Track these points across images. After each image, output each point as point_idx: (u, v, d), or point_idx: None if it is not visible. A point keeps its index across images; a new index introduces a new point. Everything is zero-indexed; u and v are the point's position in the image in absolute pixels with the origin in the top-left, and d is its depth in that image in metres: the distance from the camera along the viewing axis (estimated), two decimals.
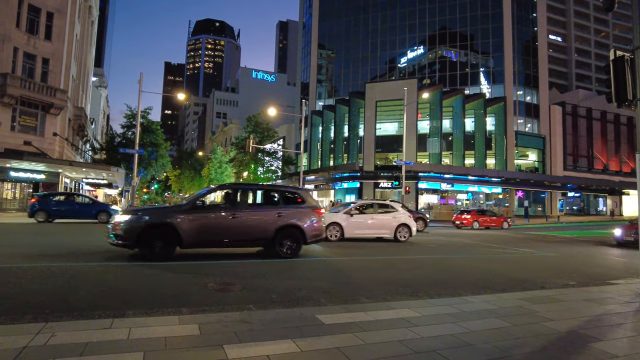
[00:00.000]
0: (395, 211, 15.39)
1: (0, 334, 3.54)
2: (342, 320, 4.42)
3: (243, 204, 9.78)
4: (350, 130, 44.69)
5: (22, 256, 8.46)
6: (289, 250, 9.42)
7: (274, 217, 9.37)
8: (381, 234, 14.89)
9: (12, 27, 28.22)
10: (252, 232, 9.23)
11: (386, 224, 14.92)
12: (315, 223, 9.80)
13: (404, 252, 12.32)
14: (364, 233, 14.66)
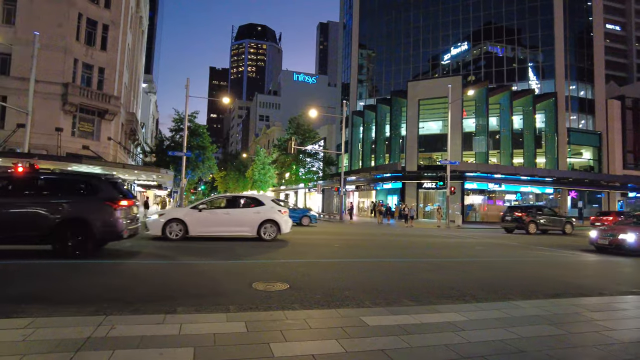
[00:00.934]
0: (261, 206, 13.42)
1: (66, 325, 3.83)
2: (386, 322, 4.39)
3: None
4: (392, 129, 44.13)
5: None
6: (76, 249, 8.13)
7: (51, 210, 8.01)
8: (240, 231, 12.98)
9: (72, 41, 30.29)
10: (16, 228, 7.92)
11: (247, 220, 13.00)
12: (108, 217, 8.46)
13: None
14: (215, 231, 12.72)
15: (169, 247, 10.91)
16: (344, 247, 12.88)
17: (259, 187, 55.17)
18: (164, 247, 10.76)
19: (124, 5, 34.50)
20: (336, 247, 12.85)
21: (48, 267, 7.46)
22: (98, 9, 32.39)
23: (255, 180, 54.82)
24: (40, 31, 25.64)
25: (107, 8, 33.05)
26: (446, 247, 14.03)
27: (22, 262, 7.72)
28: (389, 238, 16.97)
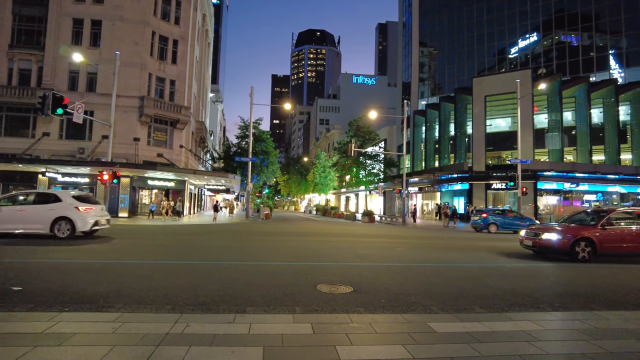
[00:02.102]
0: (56, 202, 12.76)
1: (148, 320, 4.15)
2: (455, 329, 4.24)
3: None
4: (457, 128, 42.51)
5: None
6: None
7: None
8: (32, 228, 12.47)
9: (147, 57, 32.77)
10: None
11: (40, 216, 12.45)
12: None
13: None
14: (3, 228, 12.31)
15: None
16: (408, 250, 12.61)
17: (320, 190, 55.73)
18: None
19: (192, 20, 36.68)
20: (399, 250, 12.63)
21: (128, 267, 8.13)
22: (169, 26, 34.75)
23: (317, 183, 55.45)
24: (120, 50, 28.04)
25: (177, 24, 35.34)
26: (518, 252, 13.24)
27: (101, 262, 8.46)
28: (455, 242, 16.34)
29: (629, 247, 10.77)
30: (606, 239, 10.66)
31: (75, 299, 5.12)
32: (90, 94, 31.10)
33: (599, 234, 10.69)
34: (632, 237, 10.79)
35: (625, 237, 10.80)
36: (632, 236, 10.81)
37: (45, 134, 30.80)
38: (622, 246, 10.76)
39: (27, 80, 31.75)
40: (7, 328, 3.83)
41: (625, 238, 10.79)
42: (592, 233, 10.67)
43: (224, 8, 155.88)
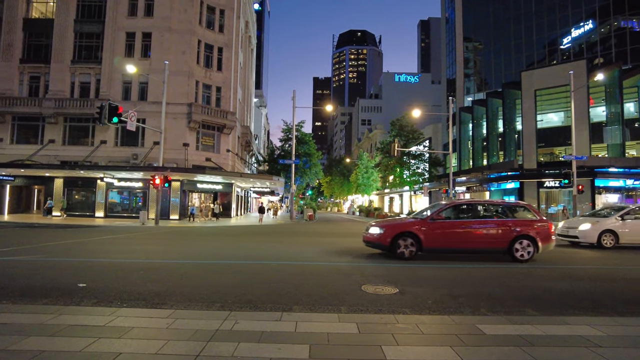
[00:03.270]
0: None
1: (199, 317, 4.34)
2: (505, 331, 4.09)
3: None
4: (506, 124, 40.79)
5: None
6: None
7: None
8: None
9: (194, 65, 34.10)
10: None
11: None
12: None
13: None
14: None
15: None
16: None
17: (363, 191, 55.41)
18: None
19: (235, 28, 37.77)
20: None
21: (179, 266, 8.50)
22: (214, 34, 35.98)
23: (359, 184, 55.18)
24: (169, 60, 29.40)
25: (221, 32, 36.51)
26: (573, 252, 12.51)
27: (156, 262, 8.89)
28: None
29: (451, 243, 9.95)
30: (430, 235, 9.82)
31: (132, 296, 5.43)
32: (142, 103, 32.80)
33: (425, 228, 9.87)
34: (456, 233, 9.95)
35: (449, 233, 9.95)
36: (457, 232, 9.96)
37: (103, 142, 32.82)
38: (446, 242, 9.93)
39: (86, 92, 34.01)
40: (75, 320, 4.13)
41: (449, 234, 9.94)
42: (418, 228, 9.86)
43: (265, 14, 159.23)
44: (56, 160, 32.00)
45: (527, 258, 9.75)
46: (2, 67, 33.67)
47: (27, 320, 4.10)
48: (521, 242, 9.79)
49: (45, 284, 6.30)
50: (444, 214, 10.29)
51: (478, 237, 9.94)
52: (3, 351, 3.33)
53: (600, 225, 13.61)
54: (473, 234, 9.94)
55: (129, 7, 34.23)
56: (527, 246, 9.79)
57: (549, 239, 10.05)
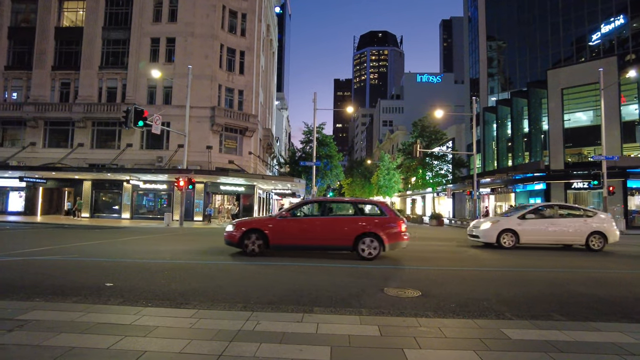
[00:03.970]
0: None
1: (222, 317, 4.39)
2: (531, 337, 3.99)
3: None
4: (531, 124, 39.82)
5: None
6: None
7: None
8: None
9: (216, 69, 34.66)
10: None
11: None
12: None
13: None
14: None
15: None
16: (480, 254, 12.04)
17: (385, 193, 55.03)
18: None
19: (257, 31, 38.20)
20: (470, 254, 12.10)
21: (202, 266, 8.63)
22: (236, 38, 36.49)
23: (381, 185, 54.84)
24: (192, 64, 29.95)
25: (243, 36, 37.00)
26: (608, 256, 12.11)
27: (180, 262, 9.06)
28: None
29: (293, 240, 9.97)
30: (277, 232, 9.95)
31: (157, 296, 5.55)
32: (166, 107, 33.53)
33: (272, 226, 10.01)
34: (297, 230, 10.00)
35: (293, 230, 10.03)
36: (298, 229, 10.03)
37: (129, 145, 33.70)
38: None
39: (113, 97, 35.03)
40: (103, 318, 4.25)
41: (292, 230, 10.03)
42: (266, 225, 10.05)
43: (286, 17, 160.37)
44: (85, 163, 33.06)
45: (373, 256, 9.65)
46: (36, 75, 35.04)
47: (58, 318, 4.24)
48: (368, 240, 9.73)
49: (75, 282, 6.51)
50: (294, 212, 10.55)
51: (324, 234, 9.96)
52: (37, 346, 3.46)
53: (500, 224, 13.60)
54: (318, 231, 9.98)
55: (154, 14, 35.12)
56: (372, 244, 9.71)
57: (397, 237, 9.94)
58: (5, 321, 4.11)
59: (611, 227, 13.37)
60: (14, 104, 34.77)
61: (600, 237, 13.17)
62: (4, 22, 35.90)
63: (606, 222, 13.47)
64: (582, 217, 13.65)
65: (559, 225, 13.41)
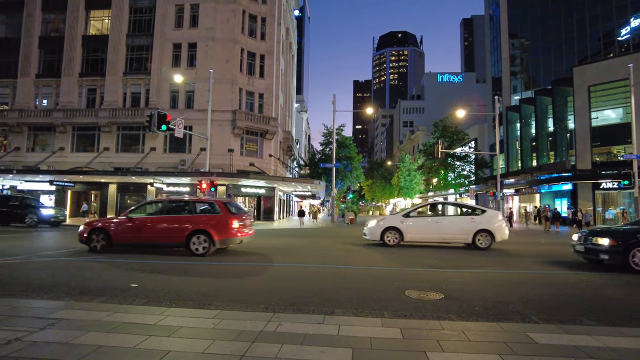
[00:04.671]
0: None
1: (244, 318, 4.44)
2: (559, 341, 3.88)
3: None
4: (557, 123, 38.80)
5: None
6: None
7: None
8: None
9: (237, 73, 35.07)
10: None
11: None
12: None
13: None
14: None
15: None
16: (504, 256, 11.78)
17: (406, 194, 54.55)
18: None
19: (276, 35, 38.50)
20: (493, 255, 11.86)
21: (224, 268, 8.74)
22: (255, 42, 36.86)
23: (402, 187, 54.39)
24: (213, 68, 30.36)
25: (263, 39, 37.34)
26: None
27: (202, 264, 9.18)
28: (558, 248, 14.88)
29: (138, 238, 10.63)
30: (119, 231, 10.72)
31: (180, 296, 5.65)
32: (188, 111, 34.11)
33: (115, 224, 10.83)
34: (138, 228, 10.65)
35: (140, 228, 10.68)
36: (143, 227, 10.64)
37: (152, 149, 34.42)
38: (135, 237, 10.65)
39: (137, 102, 35.86)
40: (128, 318, 4.36)
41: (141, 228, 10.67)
42: (109, 225, 10.85)
43: (305, 20, 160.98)
44: (110, 166, 33.94)
45: (203, 252, 10.17)
46: (65, 82, 36.20)
47: (86, 317, 4.37)
48: (198, 236, 10.24)
49: (102, 283, 6.69)
50: (136, 212, 11.20)
51: (160, 232, 10.56)
52: (67, 344, 3.57)
53: (384, 222, 13.71)
54: (155, 230, 10.59)
55: (176, 20, 35.82)
56: (203, 241, 10.23)
57: (227, 234, 10.39)
58: (38, 319, 4.26)
59: (499, 226, 13.25)
60: (44, 111, 36.01)
61: (487, 236, 13.07)
62: (35, 32, 37.23)
63: (494, 220, 13.32)
64: (470, 216, 13.57)
65: (444, 223, 13.52)
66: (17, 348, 3.46)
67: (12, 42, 37.46)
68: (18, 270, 7.83)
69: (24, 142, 36.25)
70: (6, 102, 37.41)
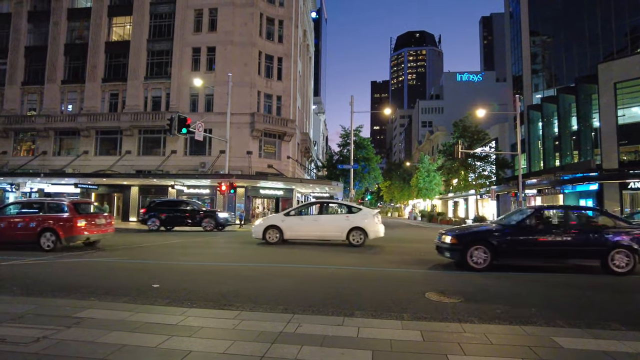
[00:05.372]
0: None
1: (264, 319, 4.46)
2: (586, 346, 3.77)
3: None
4: (580, 122, 37.77)
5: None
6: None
7: None
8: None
9: (255, 76, 35.39)
10: None
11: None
12: None
13: None
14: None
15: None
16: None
17: (425, 195, 53.94)
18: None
19: (293, 37, 38.69)
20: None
21: (243, 269, 8.81)
22: (273, 44, 37.12)
23: (421, 188, 53.78)
24: (232, 72, 30.74)
25: (280, 42, 37.58)
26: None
27: (222, 265, 9.27)
28: None
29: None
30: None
31: (201, 297, 5.72)
32: (208, 114, 34.58)
33: None
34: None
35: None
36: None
37: (173, 152, 35.01)
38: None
39: (158, 105, 36.57)
40: (151, 318, 4.44)
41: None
42: None
43: (322, 22, 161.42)
44: (132, 169, 34.66)
45: (51, 248, 11.14)
46: (88, 87, 37.22)
47: (110, 316, 4.47)
48: (45, 234, 11.22)
49: (125, 283, 6.83)
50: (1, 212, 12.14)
51: (17, 230, 11.52)
52: (92, 343, 3.66)
53: (266, 221, 14.47)
54: (13, 228, 11.57)
55: (195, 24, 36.39)
56: (50, 237, 11.19)
57: (73, 232, 11.28)
58: (64, 318, 4.38)
59: (371, 223, 13.81)
60: (70, 116, 37.09)
61: (361, 233, 13.66)
62: (61, 40, 38.40)
63: (367, 218, 13.92)
64: (345, 214, 14.35)
65: (320, 222, 14.15)
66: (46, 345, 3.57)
67: (39, 50, 38.75)
68: None
69: (50, 146, 37.38)
70: (34, 107, 38.70)
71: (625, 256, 8.34)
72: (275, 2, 37.82)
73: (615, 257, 8.37)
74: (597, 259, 8.58)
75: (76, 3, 39.68)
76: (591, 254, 8.63)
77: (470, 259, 8.66)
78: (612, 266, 8.38)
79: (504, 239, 8.71)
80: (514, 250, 8.73)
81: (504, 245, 8.64)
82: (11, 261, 9.30)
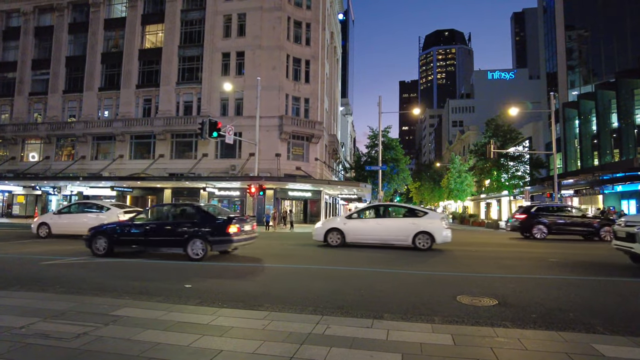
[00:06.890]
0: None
1: (293, 320, 4.49)
2: (629, 355, 3.59)
3: None
4: (621, 118, 36.06)
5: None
6: None
7: None
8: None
9: (283, 79, 35.75)
10: None
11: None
12: None
13: None
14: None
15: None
16: (564, 262, 11.08)
17: (456, 197, 52.81)
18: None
19: (321, 40, 38.83)
20: (553, 261, 11.18)
21: (273, 270, 8.89)
22: (301, 48, 37.39)
23: (452, 189, 52.68)
24: (261, 76, 31.20)
25: (308, 45, 37.81)
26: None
27: (251, 266, 9.39)
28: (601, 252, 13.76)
29: None
30: None
31: (231, 297, 5.81)
32: (238, 117, 35.20)
33: None
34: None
35: None
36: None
37: (204, 155, 35.80)
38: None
39: (189, 110, 37.52)
40: (183, 318, 4.55)
41: None
42: None
43: (350, 23, 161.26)
44: (165, 172, 35.68)
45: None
46: (123, 94, 38.67)
47: (144, 315, 4.61)
48: None
49: (158, 283, 7.03)
50: None
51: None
52: (128, 340, 3.79)
53: (328, 224, 14.33)
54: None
55: (224, 30, 37.16)
56: None
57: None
58: (102, 316, 4.55)
59: (439, 228, 13.29)
60: (106, 121, 38.67)
61: (427, 237, 13.19)
62: (98, 49, 40.13)
63: (434, 222, 13.43)
64: (411, 217, 13.82)
65: (384, 225, 13.74)
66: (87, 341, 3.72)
67: (79, 59, 40.65)
68: None
69: (88, 151, 39.04)
70: (74, 114, 40.56)
71: None
72: (303, 5, 38.11)
73: None
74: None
75: (112, 13, 41.36)
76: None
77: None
78: None
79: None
80: None
81: None
82: (55, 260, 9.76)
